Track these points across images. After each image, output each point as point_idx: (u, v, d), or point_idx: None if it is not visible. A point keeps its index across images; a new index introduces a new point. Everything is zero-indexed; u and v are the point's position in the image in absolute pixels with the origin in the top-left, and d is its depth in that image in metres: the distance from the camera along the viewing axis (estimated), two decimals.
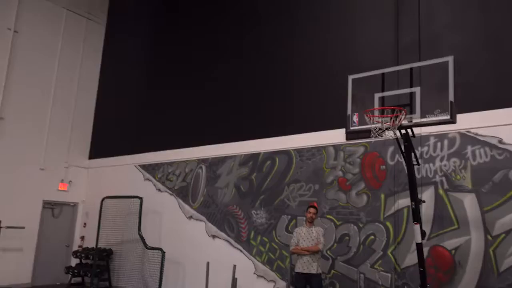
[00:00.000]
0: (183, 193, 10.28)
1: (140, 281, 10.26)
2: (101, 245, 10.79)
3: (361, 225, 7.47)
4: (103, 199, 10.80)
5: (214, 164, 9.86)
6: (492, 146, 6.46)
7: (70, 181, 12.48)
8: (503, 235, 6.12)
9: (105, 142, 12.62)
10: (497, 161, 6.36)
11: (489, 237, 6.22)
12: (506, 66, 6.61)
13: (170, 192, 10.56)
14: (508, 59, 6.62)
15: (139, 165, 11.44)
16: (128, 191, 11.19)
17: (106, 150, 12.45)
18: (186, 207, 10.13)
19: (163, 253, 9.44)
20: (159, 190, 10.82)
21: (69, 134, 12.58)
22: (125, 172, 11.69)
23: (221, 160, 9.74)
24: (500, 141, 6.41)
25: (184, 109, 10.85)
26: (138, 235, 9.98)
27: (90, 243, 11.80)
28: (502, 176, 6.27)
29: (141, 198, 10.25)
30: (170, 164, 10.74)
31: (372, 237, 7.30)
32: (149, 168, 11.19)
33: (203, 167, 10.06)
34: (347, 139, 7.93)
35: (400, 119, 5.33)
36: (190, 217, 9.99)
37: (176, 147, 10.64)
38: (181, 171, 10.47)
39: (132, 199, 10.53)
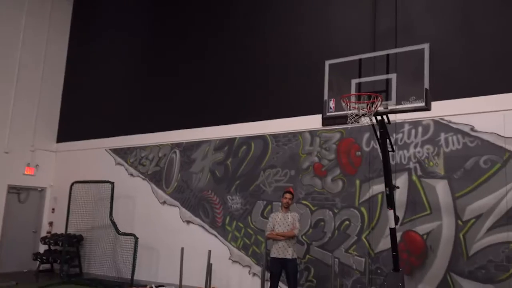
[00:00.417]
0: (157, 178, 10.24)
1: (112, 267, 10.24)
2: (71, 231, 10.67)
3: (336, 211, 7.66)
4: (72, 184, 10.65)
5: (188, 148, 9.85)
6: (464, 134, 6.72)
7: (37, 165, 12.20)
8: (473, 220, 6.43)
9: (74, 125, 12.35)
10: (469, 148, 6.63)
11: (459, 222, 6.52)
12: (479, 55, 6.85)
13: (143, 177, 10.51)
14: (481, 48, 6.85)
15: (110, 149, 11.29)
16: (99, 175, 11.03)
17: (75, 134, 12.20)
18: (160, 192, 10.11)
19: (136, 238, 9.44)
20: (132, 174, 10.74)
21: (34, 117, 12.23)
22: (95, 156, 11.52)
23: (196, 144, 9.73)
24: (472, 129, 6.67)
25: (157, 92, 10.74)
26: (110, 221, 9.92)
27: (59, 229, 11.63)
28: (473, 163, 6.55)
29: (112, 183, 10.15)
30: (143, 148, 10.65)
31: (347, 222, 7.52)
32: (121, 153, 11.06)
33: (177, 151, 10.03)
34: (323, 125, 8.05)
35: (376, 105, 5.43)
36: (164, 202, 9.99)
37: (149, 131, 10.55)
38: (155, 155, 10.41)
39: (103, 184, 10.41)
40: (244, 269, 8.52)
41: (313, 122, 8.14)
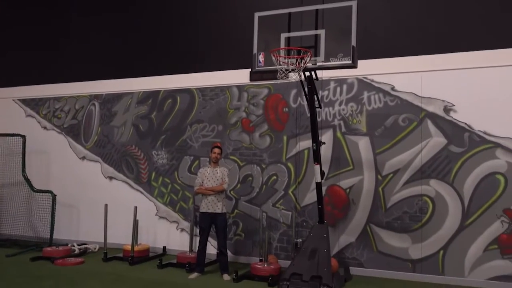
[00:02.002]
0: (74, 132, 9.81)
1: (28, 227, 9.87)
2: None
3: (264, 166, 7.93)
4: None
5: (108, 101, 9.48)
6: (385, 93, 7.17)
7: None
8: (391, 175, 7.03)
9: None
10: (389, 107, 7.11)
11: (379, 177, 7.10)
12: (401, 17, 7.23)
13: (59, 131, 10.00)
14: (404, 10, 7.22)
15: (19, 100, 10.52)
16: (6, 128, 10.31)
17: None
18: (78, 147, 9.73)
19: (54, 196, 9.13)
20: (45, 128, 10.17)
21: None
22: (2, 107, 10.67)
23: (117, 96, 9.40)
24: (393, 88, 7.13)
25: (74, 38, 10.06)
26: (23, 177, 9.42)
27: None
28: (393, 121, 7.06)
29: (23, 136, 9.55)
30: (57, 99, 10.05)
31: (275, 177, 7.84)
32: (32, 104, 10.37)
33: (96, 103, 9.62)
34: (251, 79, 8.15)
35: (306, 61, 5.56)
36: (83, 158, 9.66)
37: (64, 81, 9.95)
38: (71, 107, 9.90)
39: (13, 137, 9.75)
40: (171, 225, 8.65)
41: (241, 76, 8.22)
